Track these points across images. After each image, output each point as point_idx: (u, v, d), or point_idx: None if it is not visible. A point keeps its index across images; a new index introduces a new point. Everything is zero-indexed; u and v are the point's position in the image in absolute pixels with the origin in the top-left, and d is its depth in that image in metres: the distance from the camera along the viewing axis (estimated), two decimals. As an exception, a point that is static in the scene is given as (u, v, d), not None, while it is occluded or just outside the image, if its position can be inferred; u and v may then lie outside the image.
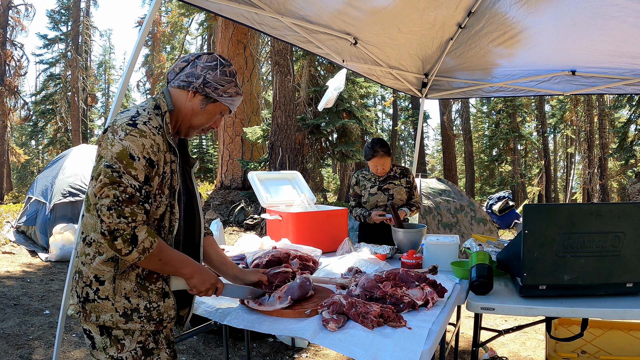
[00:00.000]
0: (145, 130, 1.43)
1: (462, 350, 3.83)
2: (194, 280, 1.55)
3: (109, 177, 1.35)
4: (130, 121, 1.43)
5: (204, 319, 2.61)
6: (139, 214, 1.38)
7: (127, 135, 1.39)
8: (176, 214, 1.54)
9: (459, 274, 2.27)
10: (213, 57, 1.62)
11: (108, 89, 33.70)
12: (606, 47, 3.88)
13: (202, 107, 1.61)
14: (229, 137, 12.96)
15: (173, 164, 1.53)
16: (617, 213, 1.87)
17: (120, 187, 1.35)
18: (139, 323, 1.48)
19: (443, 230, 7.20)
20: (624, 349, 2.65)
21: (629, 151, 15.49)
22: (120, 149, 1.38)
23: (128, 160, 1.37)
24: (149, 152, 1.41)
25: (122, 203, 1.35)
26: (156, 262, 1.45)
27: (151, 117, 1.49)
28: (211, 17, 14.27)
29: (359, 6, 3.39)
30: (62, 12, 24.90)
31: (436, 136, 34.00)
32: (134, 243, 1.36)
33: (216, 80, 1.59)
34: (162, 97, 1.60)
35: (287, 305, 1.73)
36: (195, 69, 1.59)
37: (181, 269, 1.52)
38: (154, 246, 1.40)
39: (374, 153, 3.30)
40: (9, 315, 4.41)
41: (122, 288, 1.46)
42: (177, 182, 1.54)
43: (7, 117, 19.78)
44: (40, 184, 7.79)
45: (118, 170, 1.36)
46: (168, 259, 1.47)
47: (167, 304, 1.54)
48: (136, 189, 1.38)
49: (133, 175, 1.38)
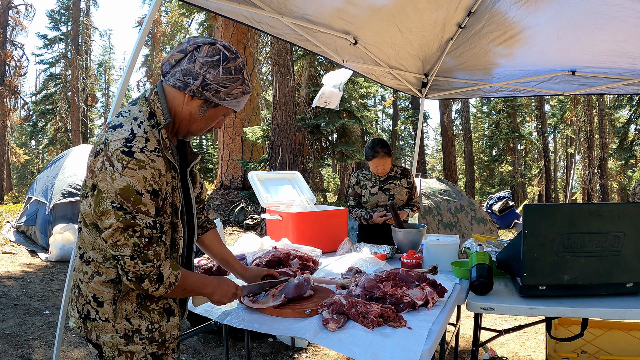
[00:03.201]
0: (143, 159, 1.27)
1: (462, 350, 3.83)
2: (215, 297, 1.54)
3: (123, 221, 1.25)
4: (126, 148, 1.27)
5: (204, 319, 2.61)
6: (160, 252, 1.32)
7: (125, 168, 1.25)
8: (180, 232, 1.46)
9: (459, 274, 2.27)
10: (215, 50, 1.37)
11: (108, 89, 33.73)
12: (606, 47, 3.88)
13: (201, 114, 1.43)
14: (229, 137, 12.96)
15: (174, 180, 1.41)
16: (617, 213, 1.87)
17: (137, 232, 1.27)
18: (140, 345, 1.42)
19: (443, 230, 7.20)
20: (624, 349, 2.65)
21: (629, 151, 15.50)
22: (124, 186, 1.25)
23: (135, 196, 1.26)
24: (151, 183, 1.29)
25: (143, 249, 1.28)
26: (181, 292, 1.43)
27: (149, 137, 1.32)
28: (211, 17, 14.26)
29: (359, 4, 3.40)
30: (62, 12, 24.92)
31: (436, 136, 34.02)
32: (160, 281, 1.33)
33: (218, 81, 1.37)
34: (156, 100, 1.41)
35: (279, 303, 1.73)
36: (193, 65, 1.36)
37: (203, 290, 1.50)
38: (178, 278, 1.38)
39: (375, 154, 3.30)
40: (9, 315, 4.41)
41: (123, 310, 1.40)
42: (178, 199, 1.44)
43: (7, 117, 19.79)
44: (40, 184, 7.80)
45: (130, 212, 1.26)
46: (191, 287, 1.45)
47: (172, 323, 1.48)
48: (151, 227, 1.29)
49: (144, 211, 1.28)
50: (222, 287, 1.56)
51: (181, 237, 1.48)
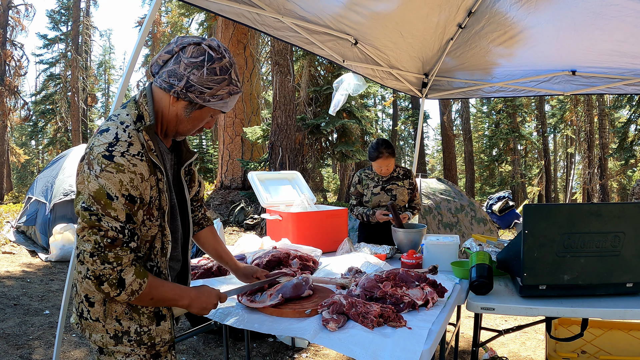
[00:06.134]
0: (122, 163, 1.27)
1: (462, 350, 3.83)
2: (193, 309, 1.50)
3: (88, 222, 1.26)
4: (107, 152, 1.27)
5: (204, 319, 2.62)
6: (123, 257, 1.29)
7: (102, 171, 1.25)
8: (168, 236, 1.45)
9: (459, 274, 2.27)
10: (200, 50, 1.34)
11: (108, 89, 33.72)
12: (606, 47, 3.88)
13: (186, 115, 1.41)
14: (229, 137, 12.96)
15: (160, 182, 1.39)
16: (617, 213, 1.87)
17: (100, 232, 1.25)
18: (129, 347, 1.41)
19: (443, 230, 7.20)
20: (624, 349, 2.65)
21: (629, 151, 15.50)
22: (97, 188, 1.25)
23: (106, 200, 1.25)
24: (127, 188, 1.27)
25: (104, 248, 1.26)
26: (148, 301, 1.39)
27: (132, 141, 1.31)
28: (211, 17, 14.26)
29: (360, 11, 3.39)
30: (62, 12, 24.90)
31: (436, 136, 34.00)
32: (121, 286, 1.29)
33: (202, 82, 1.34)
34: (144, 102, 1.41)
35: (276, 302, 1.73)
36: (178, 67, 1.34)
37: (177, 302, 1.46)
38: (143, 287, 1.34)
39: (379, 154, 3.30)
40: (9, 315, 4.41)
41: (113, 311, 1.40)
42: (165, 202, 1.41)
43: (7, 117, 19.78)
44: (40, 184, 7.79)
45: (97, 213, 1.25)
46: (161, 297, 1.41)
47: (163, 327, 1.48)
48: (118, 230, 1.27)
49: (113, 216, 1.26)
50: (201, 299, 1.50)
51: (169, 241, 1.46)
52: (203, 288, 1.54)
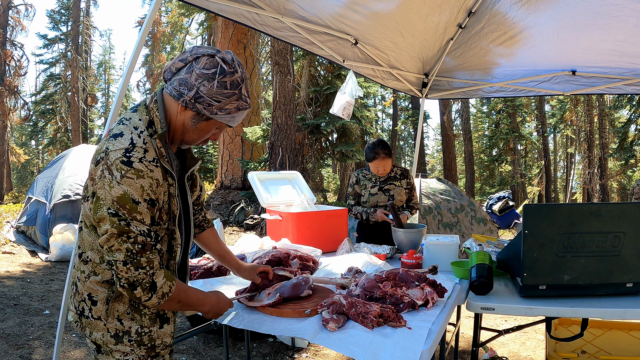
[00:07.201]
0: (142, 169, 1.30)
1: (462, 350, 3.83)
2: (210, 314, 1.56)
3: (117, 227, 1.27)
4: (125, 158, 1.29)
5: (204, 319, 2.61)
6: (154, 260, 1.32)
7: (123, 177, 1.27)
8: (177, 240, 1.47)
9: (459, 274, 2.27)
10: (213, 62, 1.35)
11: (108, 89, 33.71)
12: (606, 47, 3.88)
13: (193, 125, 1.42)
14: (229, 137, 12.97)
15: (171, 187, 1.42)
16: (617, 213, 1.87)
17: (130, 239, 1.28)
18: (129, 346, 1.43)
19: (443, 230, 7.20)
20: (624, 349, 2.65)
21: (629, 151, 15.51)
22: (121, 194, 1.27)
23: (131, 204, 1.28)
24: (149, 193, 1.31)
25: (136, 255, 1.29)
26: (175, 304, 1.43)
27: (147, 148, 1.34)
28: (211, 17, 14.26)
29: (360, 10, 3.39)
30: (62, 12, 24.90)
31: (436, 136, 34.00)
32: (153, 290, 1.33)
33: (211, 95, 1.35)
34: (155, 108, 1.42)
35: (274, 301, 1.74)
36: (189, 76, 1.35)
37: (199, 307, 1.51)
38: (172, 290, 1.38)
39: (376, 155, 3.30)
40: (9, 315, 4.41)
41: (115, 310, 1.42)
42: (176, 206, 1.44)
43: (7, 117, 19.78)
44: (40, 184, 7.79)
45: (125, 218, 1.28)
46: (186, 301, 1.46)
47: (165, 330, 1.50)
48: (145, 234, 1.31)
49: (139, 220, 1.30)
50: (219, 305, 1.57)
51: (179, 244, 1.49)
52: (220, 295, 1.60)
